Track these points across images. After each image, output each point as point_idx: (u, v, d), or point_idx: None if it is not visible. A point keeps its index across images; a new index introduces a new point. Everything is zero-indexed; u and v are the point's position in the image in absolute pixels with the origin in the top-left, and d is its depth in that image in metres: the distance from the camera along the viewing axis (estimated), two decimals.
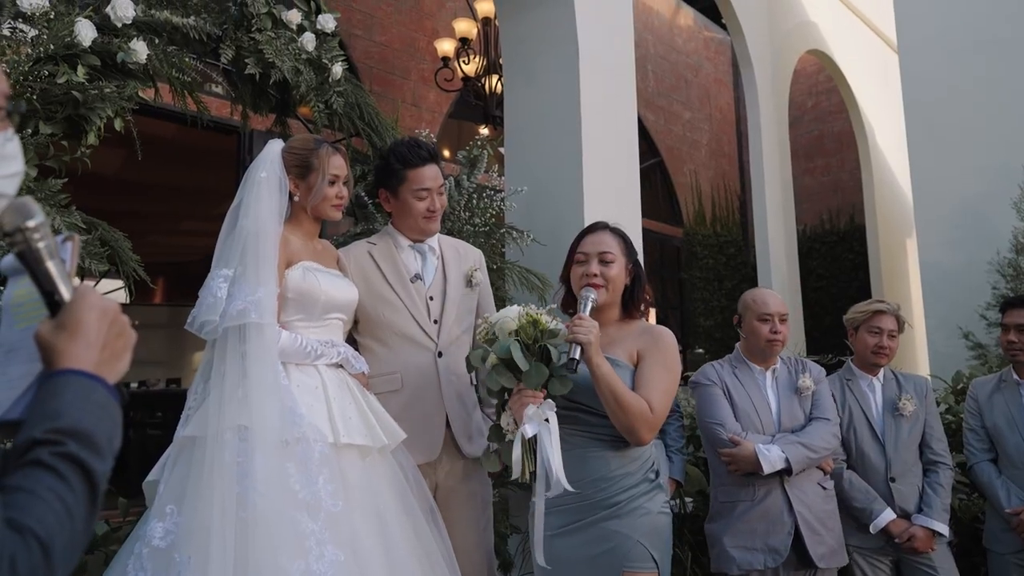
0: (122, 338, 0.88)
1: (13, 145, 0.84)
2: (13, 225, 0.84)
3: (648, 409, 2.00)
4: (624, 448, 2.07)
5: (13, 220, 0.84)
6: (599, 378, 1.97)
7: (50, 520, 0.70)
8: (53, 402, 0.78)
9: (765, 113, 7.71)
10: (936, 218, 6.14)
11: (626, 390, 1.99)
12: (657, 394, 2.04)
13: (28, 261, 0.86)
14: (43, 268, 0.86)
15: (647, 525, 2.03)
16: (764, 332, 2.76)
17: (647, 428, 2.00)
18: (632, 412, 1.97)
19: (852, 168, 10.87)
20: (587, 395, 2.04)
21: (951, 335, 5.63)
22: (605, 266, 2.16)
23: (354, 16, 6.79)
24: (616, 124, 4.56)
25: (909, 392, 3.01)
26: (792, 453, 2.60)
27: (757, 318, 2.78)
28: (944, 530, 2.86)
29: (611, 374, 1.98)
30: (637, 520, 2.02)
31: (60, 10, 2.46)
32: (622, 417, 1.98)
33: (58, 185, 2.40)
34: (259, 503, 1.67)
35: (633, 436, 2.01)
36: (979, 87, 5.97)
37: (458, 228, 3.37)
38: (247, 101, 3.22)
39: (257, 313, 1.88)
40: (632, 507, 2.03)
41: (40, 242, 0.85)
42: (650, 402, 2.01)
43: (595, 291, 2.11)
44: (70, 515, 0.72)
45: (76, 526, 0.73)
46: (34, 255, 0.85)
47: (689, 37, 11.24)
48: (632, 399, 1.99)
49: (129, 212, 8.85)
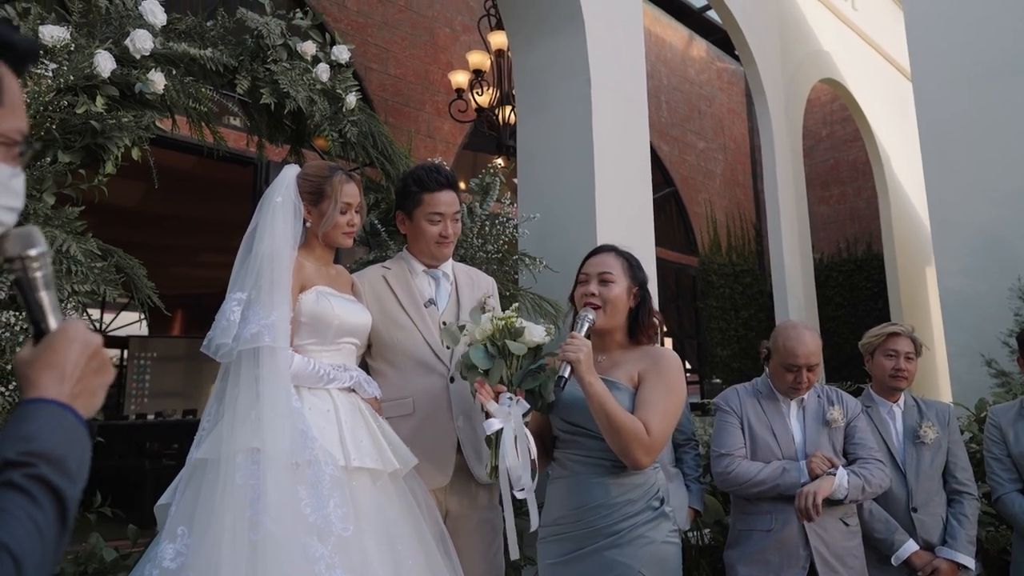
0: (100, 374, 0.89)
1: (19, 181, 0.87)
2: (15, 252, 0.87)
3: (643, 431, 1.93)
4: (626, 474, 2.02)
5: (15, 247, 0.87)
6: (591, 397, 1.93)
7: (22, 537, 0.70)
8: (25, 426, 0.78)
9: (779, 141, 7.71)
10: (954, 245, 6.08)
11: (620, 410, 1.94)
12: (656, 416, 1.97)
13: (23, 288, 0.88)
14: (35, 296, 0.89)
15: (650, 555, 1.97)
16: (788, 380, 2.67)
17: (642, 450, 1.93)
18: (625, 433, 1.92)
19: (869, 196, 10.85)
20: (586, 417, 2.01)
21: (973, 363, 5.54)
22: (604, 286, 2.13)
23: (370, 50, 6.90)
24: (629, 152, 4.58)
25: (931, 419, 2.93)
26: (852, 481, 2.53)
27: (783, 366, 2.67)
28: (970, 563, 2.75)
29: (603, 394, 1.94)
30: (640, 550, 1.96)
31: (80, 43, 2.52)
32: (615, 438, 1.93)
33: (75, 213, 2.43)
34: (270, 526, 1.66)
35: (628, 459, 1.95)
36: (994, 112, 5.94)
37: (471, 255, 3.38)
38: (263, 131, 3.27)
39: (270, 337, 1.88)
40: (634, 536, 1.97)
41: (37, 271, 0.88)
42: (647, 424, 1.95)
43: (592, 311, 2.09)
44: (41, 535, 0.72)
45: (47, 547, 0.73)
46: (30, 283, 0.88)
47: (702, 68, 11.32)
48: (626, 419, 1.93)
49: (148, 244, 8.98)
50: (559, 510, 2.09)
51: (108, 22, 2.67)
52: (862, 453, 2.66)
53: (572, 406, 2.08)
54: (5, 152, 0.84)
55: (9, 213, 0.86)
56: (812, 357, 2.62)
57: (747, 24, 7.46)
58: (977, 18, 6.14)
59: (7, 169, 0.85)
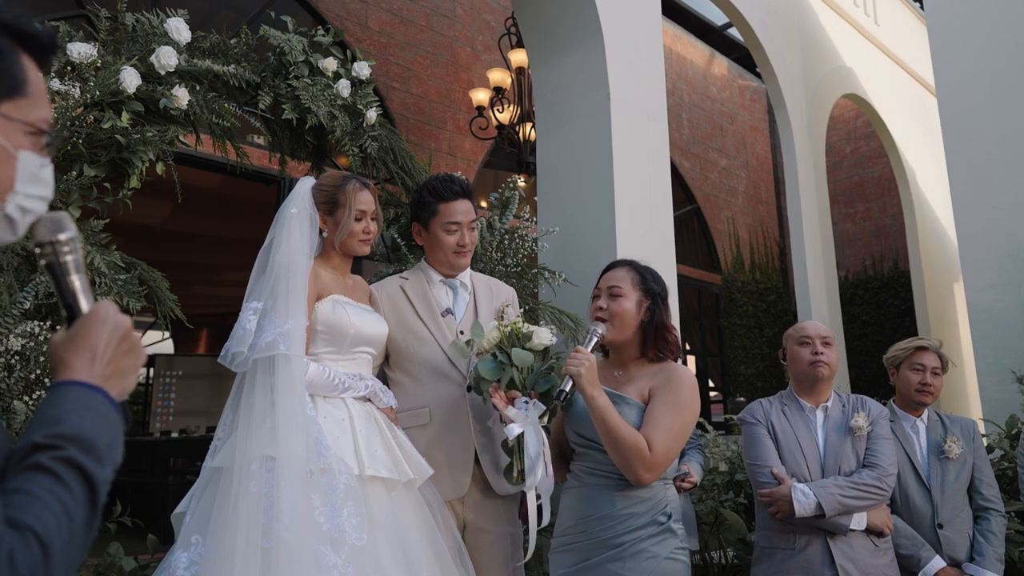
0: (131, 356, 0.89)
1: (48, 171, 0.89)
2: (45, 237, 0.88)
3: (645, 447, 1.91)
4: (632, 488, 1.99)
5: (46, 233, 0.89)
6: (593, 411, 1.93)
7: (49, 520, 0.71)
8: (54, 410, 0.79)
9: (802, 157, 7.66)
10: (982, 261, 5.98)
11: (622, 425, 1.92)
12: (660, 433, 1.94)
13: (55, 273, 0.89)
14: (67, 280, 0.90)
15: (652, 570, 1.93)
16: (805, 355, 2.64)
17: (643, 467, 1.91)
18: (626, 448, 1.90)
19: (894, 213, 10.73)
20: (595, 431, 2.00)
21: (1004, 380, 5.43)
22: (612, 300, 2.12)
23: (392, 69, 6.98)
24: (649, 167, 4.58)
25: (955, 434, 2.87)
26: (826, 497, 2.42)
27: (797, 343, 2.69)
28: None
29: (606, 408, 1.93)
30: (641, 564, 1.92)
31: (107, 59, 2.58)
32: (616, 453, 1.92)
33: (100, 225, 2.47)
34: (283, 533, 1.65)
35: (629, 474, 1.93)
36: (1021, 126, 5.87)
37: (490, 269, 3.38)
38: (285, 148, 3.31)
39: (286, 345, 1.89)
40: (637, 550, 1.94)
41: (68, 255, 0.89)
42: (650, 440, 1.92)
43: (602, 325, 2.08)
44: (69, 517, 0.73)
45: (75, 528, 0.73)
46: (61, 267, 0.89)
47: (724, 86, 11.31)
48: (627, 434, 1.91)
49: (174, 263, 9.10)
50: (568, 520, 2.09)
51: (134, 39, 2.73)
52: (865, 458, 2.57)
53: (582, 419, 2.07)
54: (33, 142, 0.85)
55: (40, 202, 0.88)
56: (822, 331, 2.69)
57: (768, 40, 7.45)
58: (1000, 31, 6.08)
59: (36, 159, 0.86)
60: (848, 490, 2.46)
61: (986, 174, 6.02)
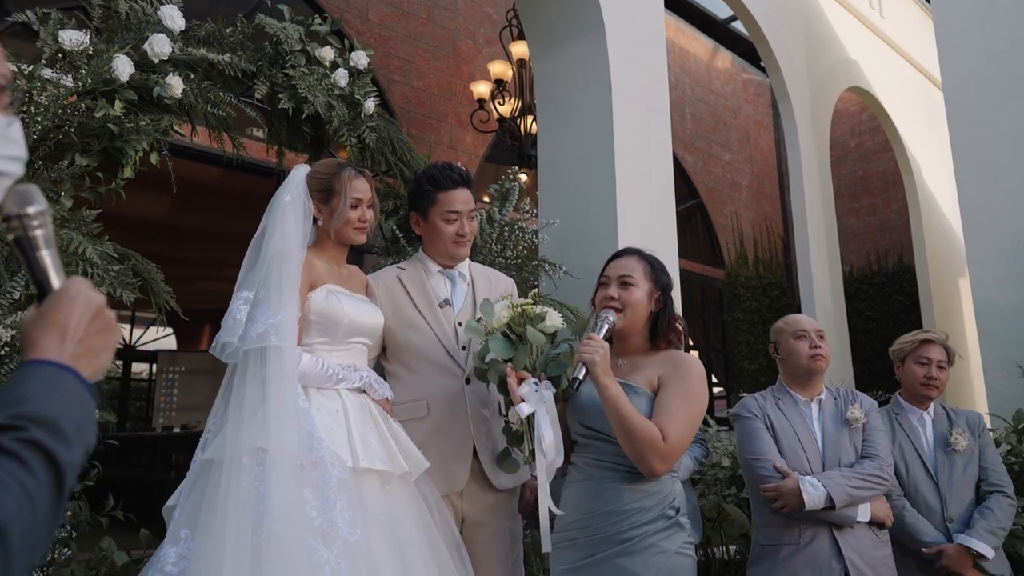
0: (104, 334, 0.85)
1: (15, 129, 0.85)
2: (13, 210, 0.84)
3: (659, 437, 1.88)
4: (640, 481, 1.96)
5: (14, 206, 0.84)
6: (606, 400, 1.89)
7: (9, 504, 0.67)
8: (19, 390, 0.75)
9: (806, 151, 7.60)
10: (988, 255, 5.93)
11: (635, 415, 1.89)
12: (673, 423, 1.91)
13: (23, 247, 0.86)
14: (37, 256, 0.86)
15: (662, 565, 1.89)
16: (804, 349, 2.62)
17: (658, 458, 1.88)
18: (640, 438, 1.86)
19: (899, 207, 10.66)
20: (603, 421, 1.96)
21: (1010, 374, 5.38)
22: (624, 289, 2.09)
23: (392, 62, 6.94)
24: (651, 160, 4.53)
25: (961, 426, 2.84)
26: (835, 489, 2.41)
27: (793, 337, 2.65)
28: (988, 551, 2.63)
29: (619, 396, 1.89)
30: (650, 559, 1.89)
31: (100, 47, 2.53)
32: (629, 443, 1.88)
33: (92, 215, 2.43)
34: (273, 526, 1.61)
35: (643, 465, 1.90)
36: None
37: (490, 261, 3.34)
38: (283, 139, 3.27)
39: (277, 336, 1.85)
40: (646, 544, 1.90)
41: (37, 230, 0.85)
42: (664, 430, 1.89)
43: (613, 313, 2.05)
44: (31, 501, 0.69)
45: (38, 513, 0.69)
46: (30, 242, 0.85)
47: (727, 80, 11.24)
48: (641, 424, 1.88)
49: (174, 258, 9.08)
50: (571, 515, 2.04)
51: (127, 27, 2.69)
52: (864, 449, 2.56)
53: (589, 409, 2.03)
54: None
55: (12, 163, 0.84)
56: (817, 324, 2.69)
57: (773, 33, 7.38)
58: (1007, 23, 6.02)
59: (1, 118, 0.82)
60: (854, 480, 2.45)
61: (992, 167, 5.96)
